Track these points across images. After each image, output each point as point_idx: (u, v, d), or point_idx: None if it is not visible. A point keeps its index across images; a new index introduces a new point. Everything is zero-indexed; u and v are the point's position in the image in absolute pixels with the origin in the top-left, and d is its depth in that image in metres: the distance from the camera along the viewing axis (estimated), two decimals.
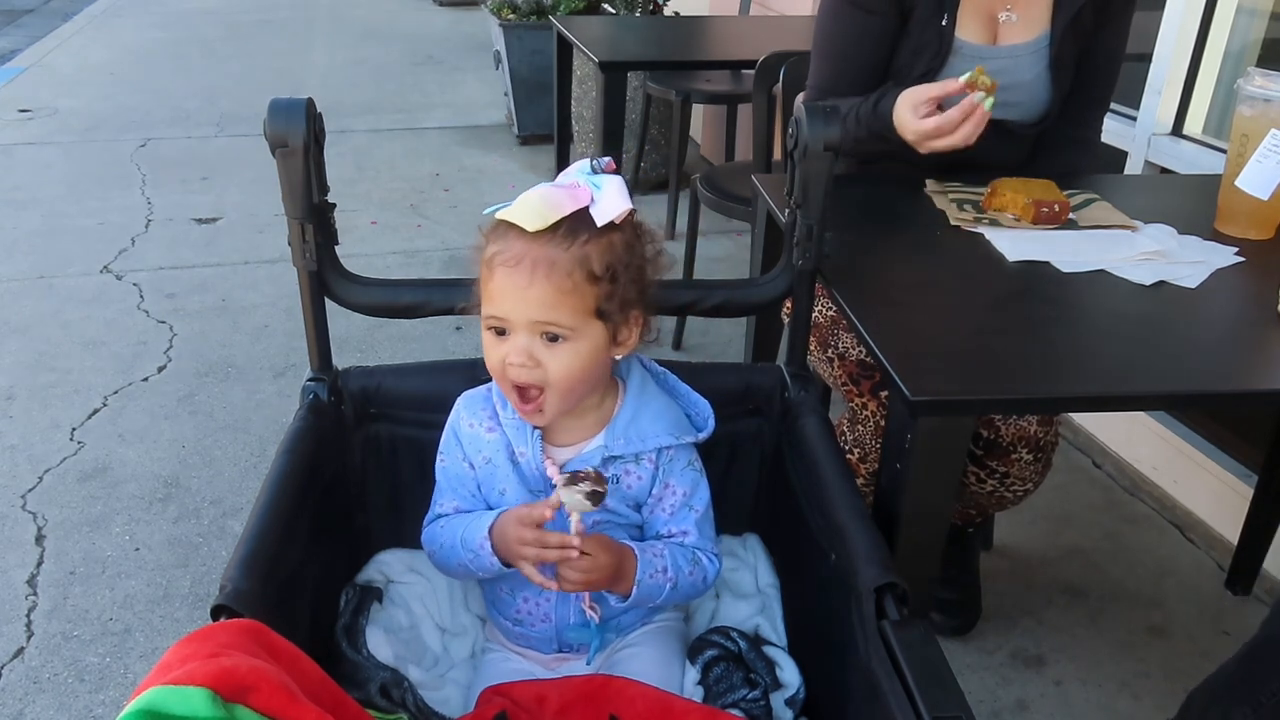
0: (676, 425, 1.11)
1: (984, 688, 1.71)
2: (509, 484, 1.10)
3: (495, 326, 1.02)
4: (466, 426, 1.13)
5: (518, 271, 0.98)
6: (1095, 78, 1.68)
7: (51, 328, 2.78)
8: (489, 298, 1.01)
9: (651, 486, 1.11)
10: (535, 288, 0.98)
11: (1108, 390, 1.10)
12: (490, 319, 1.02)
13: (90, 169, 4.05)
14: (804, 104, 1.11)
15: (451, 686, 1.15)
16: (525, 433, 1.08)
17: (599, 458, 1.08)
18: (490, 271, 1.00)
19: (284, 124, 1.04)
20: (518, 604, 1.13)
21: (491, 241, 1.01)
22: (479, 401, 1.14)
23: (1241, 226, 1.44)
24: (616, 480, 1.09)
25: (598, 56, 2.60)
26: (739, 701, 1.10)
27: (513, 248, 0.99)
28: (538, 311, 0.99)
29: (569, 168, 1.04)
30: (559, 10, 4.13)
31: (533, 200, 0.99)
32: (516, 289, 0.98)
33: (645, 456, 1.10)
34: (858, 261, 1.31)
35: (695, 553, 1.12)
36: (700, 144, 4.45)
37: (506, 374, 1.02)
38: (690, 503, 1.12)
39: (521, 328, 1.00)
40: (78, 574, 1.89)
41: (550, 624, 1.13)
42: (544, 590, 1.09)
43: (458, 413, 1.14)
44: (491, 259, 1.00)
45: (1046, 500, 2.19)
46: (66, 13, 7.33)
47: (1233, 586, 1.94)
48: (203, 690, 0.74)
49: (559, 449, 1.10)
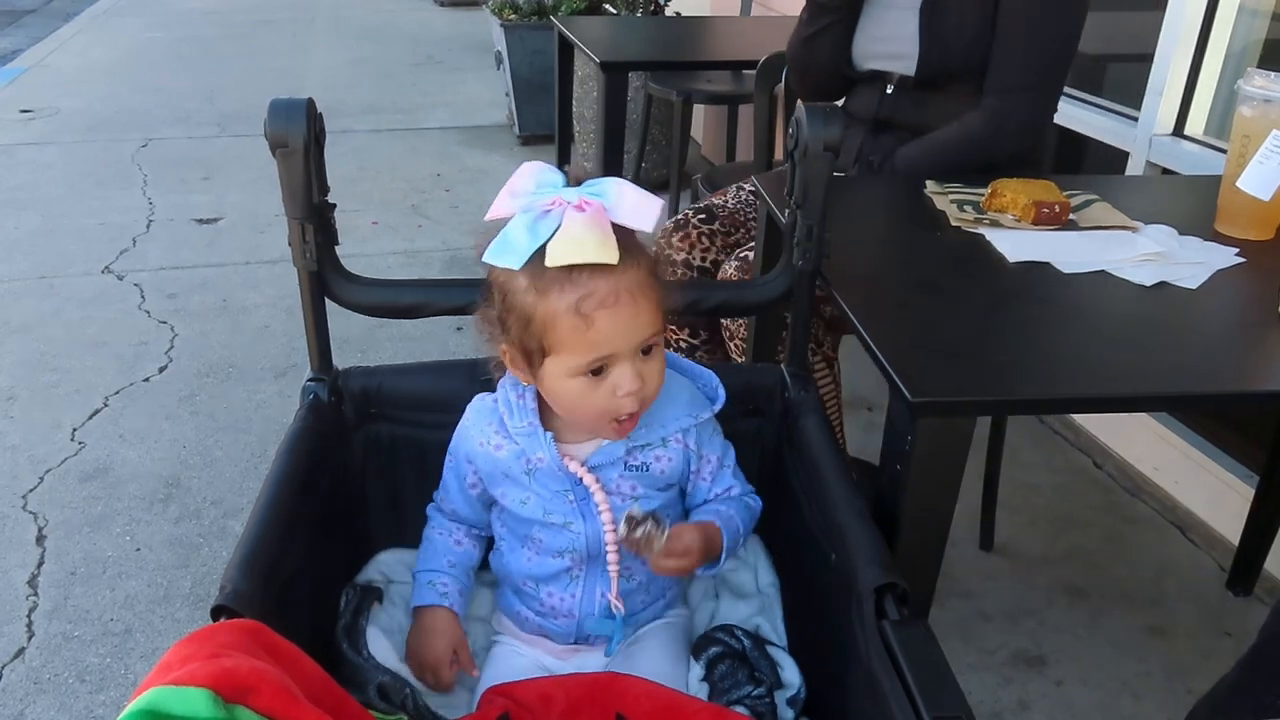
0: (693, 403, 1.12)
1: (985, 688, 1.70)
2: (529, 494, 1.09)
3: (597, 368, 0.97)
4: (478, 447, 1.11)
5: (620, 306, 0.94)
6: (1001, 39, 1.66)
7: (52, 328, 2.79)
8: (590, 345, 0.95)
9: (686, 465, 1.12)
10: (641, 313, 0.96)
11: (1109, 391, 1.10)
12: (593, 362, 0.96)
13: (91, 169, 4.06)
14: (804, 105, 1.11)
15: (454, 689, 1.15)
16: (538, 438, 1.07)
17: (622, 448, 1.07)
18: (583, 319, 0.94)
19: (284, 124, 1.04)
20: (542, 596, 1.14)
21: (562, 290, 0.93)
22: (485, 415, 1.12)
23: (1242, 227, 1.44)
24: (646, 468, 1.09)
25: (599, 57, 2.60)
26: (744, 699, 1.10)
27: (600, 286, 0.93)
28: (644, 332, 0.97)
29: (537, 189, 0.97)
30: (560, 10, 4.13)
31: (590, 233, 0.92)
32: (625, 320, 0.95)
33: (672, 438, 1.10)
34: (858, 262, 1.31)
35: (743, 500, 1.16)
36: (701, 144, 4.45)
37: (617, 408, 0.99)
38: (725, 463, 1.16)
39: (626, 355, 0.97)
40: (78, 574, 1.89)
41: (574, 619, 1.13)
42: (571, 584, 1.12)
43: (468, 428, 1.13)
44: (580, 306, 0.93)
45: (1047, 501, 2.19)
46: (68, 13, 7.33)
47: (1234, 587, 1.94)
48: (203, 691, 0.74)
49: (576, 445, 1.09)
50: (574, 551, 1.10)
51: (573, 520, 1.09)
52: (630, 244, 0.96)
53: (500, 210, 0.98)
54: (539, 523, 1.10)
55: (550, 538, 1.10)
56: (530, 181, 0.97)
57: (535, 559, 1.12)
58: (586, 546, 1.09)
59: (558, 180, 0.97)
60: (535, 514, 1.09)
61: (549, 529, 1.09)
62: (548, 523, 1.09)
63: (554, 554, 1.11)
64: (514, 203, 0.97)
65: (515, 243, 0.94)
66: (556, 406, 1.04)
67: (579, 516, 1.09)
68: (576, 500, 1.08)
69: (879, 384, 1.10)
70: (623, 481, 1.09)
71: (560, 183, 0.97)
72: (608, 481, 1.08)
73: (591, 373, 0.97)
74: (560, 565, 1.11)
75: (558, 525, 1.09)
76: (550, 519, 1.09)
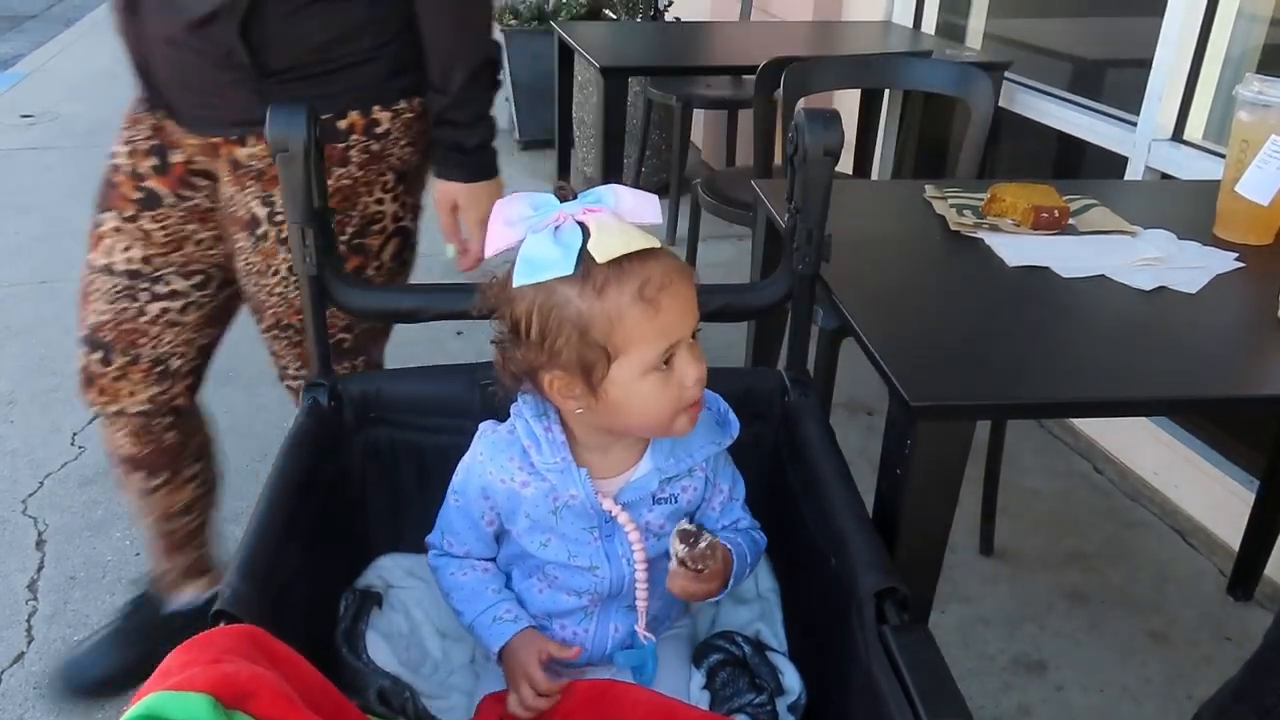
0: (713, 429, 1.10)
1: (985, 693, 1.70)
2: (551, 535, 1.05)
3: (667, 358, 0.94)
4: (499, 483, 1.05)
5: (676, 286, 0.93)
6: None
7: (53, 332, 2.78)
8: (660, 332, 0.93)
9: (704, 493, 1.10)
10: (691, 292, 0.96)
11: (1108, 395, 1.10)
12: (665, 351, 0.94)
13: (92, 174, 4.02)
14: (804, 110, 1.12)
15: (455, 694, 1.15)
16: (572, 475, 1.02)
17: (655, 481, 1.04)
18: (650, 304, 0.91)
19: (285, 129, 1.04)
20: (554, 629, 1.11)
21: (620, 284, 0.91)
22: (504, 449, 1.05)
23: (1241, 232, 1.44)
24: (675, 499, 1.07)
25: (599, 62, 2.60)
26: (745, 706, 1.09)
27: (654, 270, 0.92)
28: (696, 311, 0.97)
29: (535, 210, 0.94)
30: (560, 16, 4.14)
31: (623, 226, 0.92)
32: (684, 300, 0.94)
33: (697, 467, 1.08)
34: (857, 266, 1.32)
35: (750, 534, 1.14)
36: (701, 149, 4.45)
37: (689, 396, 0.97)
38: (734, 495, 1.14)
39: (686, 340, 0.96)
40: (78, 579, 1.89)
41: (585, 651, 1.11)
42: (585, 620, 1.10)
43: (483, 463, 1.06)
44: (643, 292, 0.91)
45: (1048, 506, 2.19)
46: (69, 18, 7.35)
47: (1235, 592, 1.94)
48: (203, 696, 0.74)
49: (606, 481, 1.04)
50: (594, 593, 1.07)
51: (599, 565, 1.05)
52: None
53: (501, 242, 0.95)
54: (559, 564, 1.06)
55: (568, 577, 1.07)
56: (524, 206, 0.95)
57: (547, 592, 1.09)
58: (609, 588, 1.07)
59: (551, 200, 0.95)
60: (558, 556, 1.05)
61: (568, 570, 1.06)
62: (571, 565, 1.06)
63: (569, 592, 1.08)
64: (514, 230, 0.94)
65: (549, 255, 0.91)
66: (622, 419, 0.98)
67: (604, 560, 1.05)
68: (602, 539, 1.05)
69: (879, 388, 1.10)
70: (652, 517, 1.06)
71: (554, 201, 0.95)
72: (637, 518, 1.05)
73: (662, 365, 0.94)
74: (575, 603, 1.09)
75: (582, 569, 1.06)
76: (575, 562, 1.05)
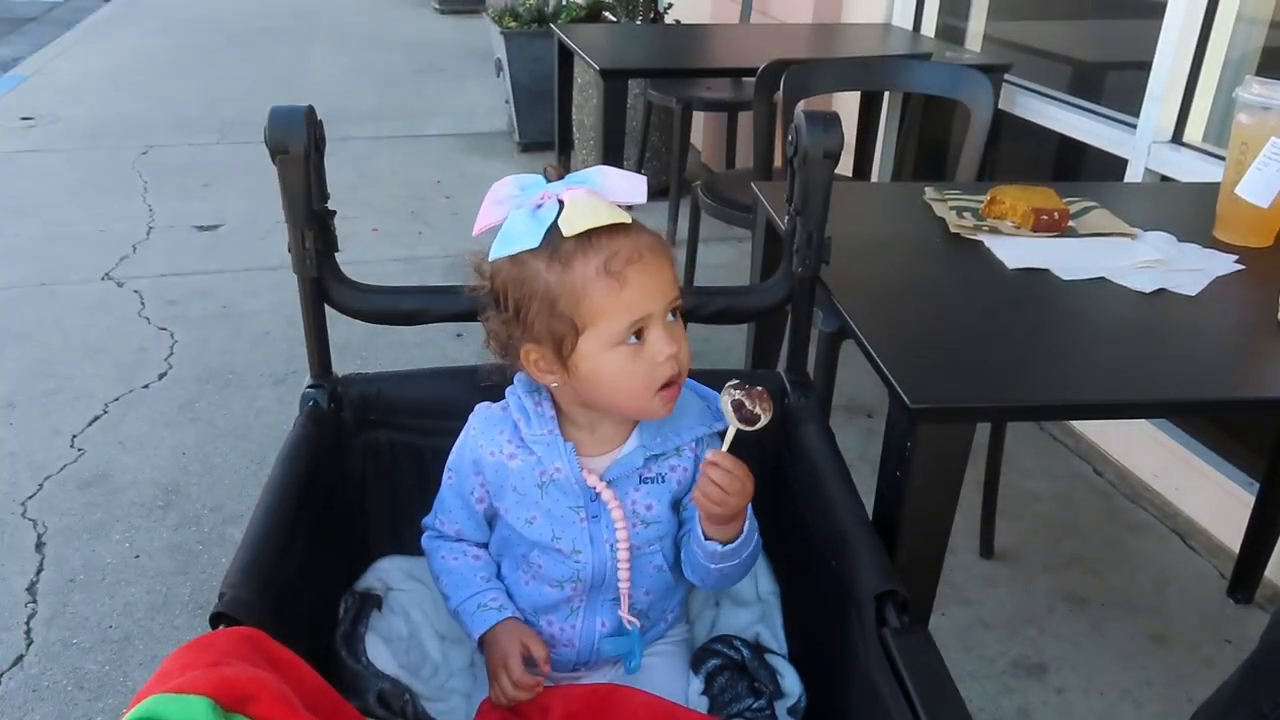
0: (703, 413, 1.10)
1: (985, 696, 1.70)
2: (537, 512, 1.06)
3: (637, 330, 0.95)
4: (488, 456, 1.07)
5: (646, 262, 0.94)
6: None
7: (52, 335, 2.79)
8: (626, 306, 0.93)
9: (693, 478, 1.09)
10: (664, 270, 0.96)
11: (1108, 397, 1.10)
12: (632, 325, 0.94)
13: (92, 176, 4.06)
14: (803, 112, 1.12)
15: (454, 697, 1.15)
16: (557, 448, 1.04)
17: (641, 458, 1.05)
18: (614, 277, 0.92)
19: (284, 131, 1.04)
20: (541, 625, 1.11)
21: (585, 256, 0.92)
22: (496, 424, 1.08)
23: (1241, 234, 1.44)
24: (662, 478, 1.07)
25: (599, 64, 2.60)
26: (744, 711, 1.09)
27: (622, 245, 0.93)
28: (671, 290, 0.96)
29: (521, 190, 0.98)
30: (560, 18, 4.14)
31: (594, 201, 0.93)
32: (653, 276, 0.94)
33: (685, 447, 1.08)
34: (857, 269, 1.32)
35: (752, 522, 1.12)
36: (701, 151, 4.46)
37: (660, 376, 0.97)
38: None
39: (659, 316, 0.95)
40: (77, 581, 1.89)
41: (574, 649, 1.11)
42: (571, 615, 1.10)
43: (475, 436, 1.09)
44: (608, 265, 0.92)
45: (1048, 508, 2.19)
46: (69, 21, 7.35)
47: (1235, 594, 1.94)
48: (203, 699, 0.74)
49: (592, 459, 1.06)
50: (576, 581, 1.07)
51: (581, 549, 1.06)
52: (633, 218, 0.97)
53: (488, 220, 0.98)
54: (543, 546, 1.07)
55: (550, 565, 1.07)
56: (512, 186, 0.98)
57: (531, 585, 1.10)
58: (591, 576, 1.07)
59: (539, 180, 0.98)
60: (542, 536, 1.06)
61: (550, 554, 1.07)
62: (553, 548, 1.06)
63: (552, 583, 1.08)
64: (500, 208, 0.97)
65: (522, 229, 0.94)
66: (597, 394, 0.99)
67: (588, 543, 1.06)
68: (588, 519, 1.05)
69: (879, 391, 1.10)
70: (638, 496, 1.07)
71: (541, 181, 0.98)
72: (623, 497, 1.06)
73: (630, 340, 0.95)
74: (559, 595, 1.09)
75: (564, 553, 1.06)
76: (558, 544, 1.06)
